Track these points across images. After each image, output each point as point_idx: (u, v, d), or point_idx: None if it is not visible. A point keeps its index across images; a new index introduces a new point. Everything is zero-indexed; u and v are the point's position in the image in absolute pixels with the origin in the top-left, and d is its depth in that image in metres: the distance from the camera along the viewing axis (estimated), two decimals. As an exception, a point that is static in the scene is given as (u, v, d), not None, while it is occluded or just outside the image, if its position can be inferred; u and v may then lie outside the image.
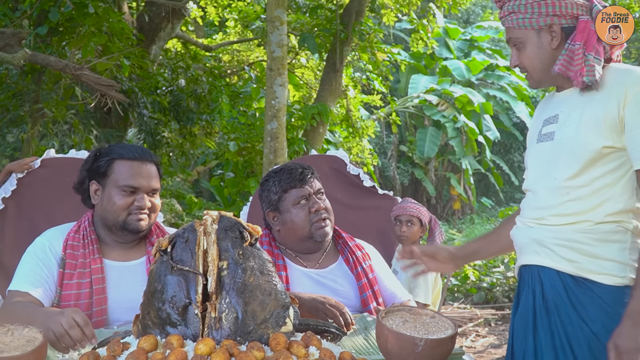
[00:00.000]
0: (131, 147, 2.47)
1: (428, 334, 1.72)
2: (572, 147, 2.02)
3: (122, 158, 2.40)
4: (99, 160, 2.43)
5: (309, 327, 1.91)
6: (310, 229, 2.53)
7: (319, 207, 2.54)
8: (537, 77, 2.15)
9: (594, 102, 2.00)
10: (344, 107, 10.27)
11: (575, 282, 1.99)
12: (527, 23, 2.09)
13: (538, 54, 2.11)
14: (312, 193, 2.57)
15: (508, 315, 6.83)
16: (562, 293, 2.01)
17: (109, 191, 2.38)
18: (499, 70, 19.25)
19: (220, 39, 12.04)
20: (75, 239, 2.38)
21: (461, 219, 19.35)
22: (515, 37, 2.13)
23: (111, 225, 2.40)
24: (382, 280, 2.67)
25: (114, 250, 2.43)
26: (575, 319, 1.99)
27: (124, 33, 5.73)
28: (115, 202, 2.37)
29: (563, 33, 2.07)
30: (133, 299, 2.25)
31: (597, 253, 1.97)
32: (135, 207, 2.38)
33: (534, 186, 2.16)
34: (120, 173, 2.38)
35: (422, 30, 10.52)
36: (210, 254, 1.68)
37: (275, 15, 5.82)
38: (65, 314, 1.87)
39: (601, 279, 1.96)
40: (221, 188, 10.65)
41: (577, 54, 2.02)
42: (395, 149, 18.97)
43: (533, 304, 2.09)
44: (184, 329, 1.65)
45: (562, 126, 2.07)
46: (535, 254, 2.10)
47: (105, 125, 7.79)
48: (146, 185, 2.40)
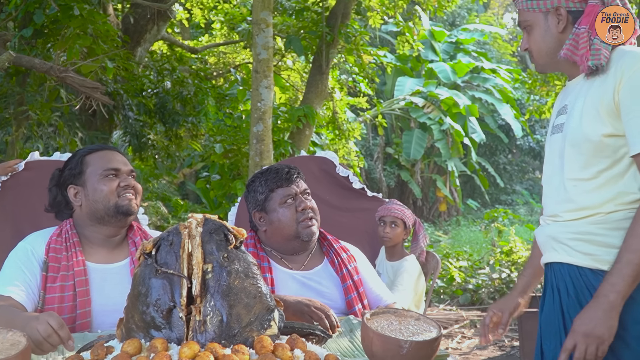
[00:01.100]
0: (92, 145, 2.54)
1: (413, 336, 1.72)
2: (576, 138, 1.99)
3: (92, 152, 2.46)
4: (68, 166, 2.46)
5: (294, 330, 1.91)
6: (296, 227, 2.54)
7: (305, 206, 2.55)
8: (542, 61, 2.13)
9: (594, 87, 1.97)
10: (330, 109, 10.28)
11: (596, 277, 1.94)
12: (535, 5, 2.07)
13: (544, 38, 2.09)
14: (299, 192, 2.57)
15: (494, 317, 6.86)
16: (584, 291, 1.96)
17: (91, 184, 2.41)
18: (484, 72, 19.34)
19: (206, 41, 12.02)
20: (57, 242, 2.38)
21: (447, 221, 19.41)
22: (525, 19, 2.11)
23: (103, 215, 2.40)
24: (368, 283, 2.68)
25: (97, 252, 2.43)
26: None
27: (109, 35, 5.70)
28: (102, 189, 2.39)
29: (570, 16, 2.04)
30: (117, 301, 2.25)
31: (613, 242, 1.91)
32: (122, 188, 2.41)
33: (548, 181, 2.14)
34: (96, 162, 2.43)
35: (408, 32, 10.54)
36: (194, 257, 1.67)
37: (261, 18, 5.81)
38: (41, 320, 1.83)
39: None
40: (207, 190, 10.62)
41: (582, 38, 1.99)
42: (382, 151, 19.01)
43: (560, 302, 2.04)
44: (168, 333, 1.65)
45: (569, 116, 2.04)
46: (553, 251, 2.07)
47: (90, 128, 7.76)
48: (125, 168, 2.46)
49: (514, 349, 5.72)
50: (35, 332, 1.81)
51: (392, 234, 3.66)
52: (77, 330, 2.27)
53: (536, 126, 21.70)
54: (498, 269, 7.73)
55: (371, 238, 3.81)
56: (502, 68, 19.60)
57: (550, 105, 10.63)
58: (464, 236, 15.10)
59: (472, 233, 15.41)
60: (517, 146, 22.16)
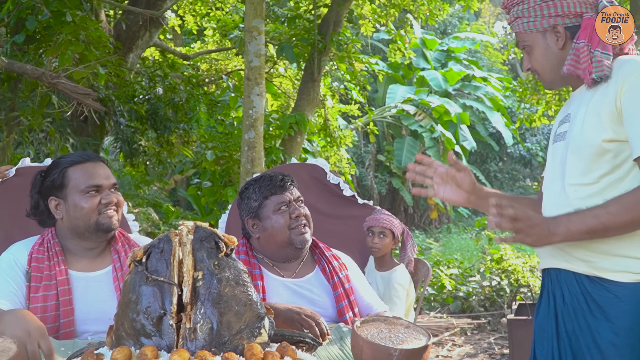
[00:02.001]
0: (75, 153, 2.48)
1: (402, 344, 1.73)
2: (578, 145, 2.01)
3: (74, 164, 2.41)
4: (50, 175, 2.42)
5: (284, 338, 1.91)
6: (290, 234, 2.55)
7: (299, 214, 2.56)
8: (548, 78, 2.16)
9: (596, 95, 1.99)
10: (321, 116, 10.30)
11: (592, 283, 1.95)
12: (532, 26, 2.10)
13: (546, 56, 2.11)
14: (293, 200, 2.59)
15: (484, 325, 6.88)
16: (579, 298, 1.97)
17: (72, 199, 2.37)
18: (475, 80, 19.43)
19: (198, 48, 12.02)
20: (39, 252, 2.37)
21: (438, 228, 19.44)
22: (523, 41, 2.15)
23: (83, 231, 2.39)
24: (358, 291, 2.69)
25: (80, 260, 2.42)
26: (593, 322, 1.95)
27: (100, 41, 5.70)
28: (83, 206, 2.36)
29: (568, 33, 2.07)
30: (100, 309, 2.25)
31: (611, 250, 1.93)
32: (103, 206, 2.38)
33: (548, 187, 2.15)
34: (78, 178, 2.38)
35: (400, 40, 10.58)
36: (185, 264, 1.67)
37: (253, 25, 5.82)
38: (32, 338, 1.78)
39: (617, 277, 1.92)
40: (198, 197, 10.61)
41: (583, 52, 2.02)
42: (373, 159, 19.04)
43: (555, 308, 2.06)
44: (158, 340, 1.65)
45: (572, 125, 2.07)
46: (551, 256, 2.08)
47: (81, 134, 7.74)
48: (107, 183, 2.42)
49: (504, 356, 5.74)
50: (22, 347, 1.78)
51: (380, 244, 3.66)
52: (61, 339, 2.25)
53: (526, 134, 21.81)
54: (488, 277, 7.74)
55: (362, 246, 3.81)
56: (493, 76, 19.70)
57: (541, 113, 10.69)
58: (454, 244, 15.12)
59: (463, 241, 15.43)
60: (508, 154, 22.24)
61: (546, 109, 10.39)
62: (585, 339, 1.97)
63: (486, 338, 6.42)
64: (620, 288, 1.91)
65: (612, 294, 1.92)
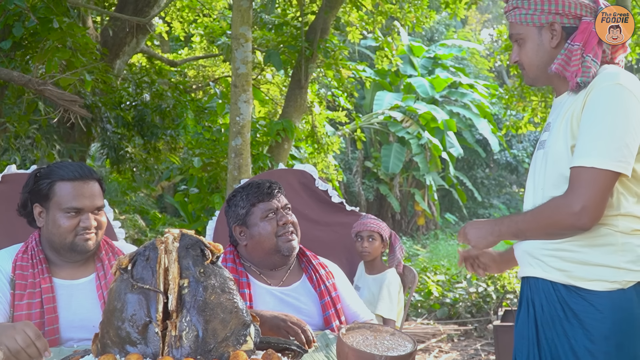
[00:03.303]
0: (71, 165, 2.44)
1: (388, 351, 1.74)
2: (554, 154, 2.03)
3: (63, 179, 2.38)
4: (40, 182, 2.40)
5: (270, 345, 1.92)
6: (277, 242, 2.56)
7: (286, 221, 2.57)
8: (533, 74, 2.16)
9: (573, 105, 2.00)
10: (309, 123, 10.31)
11: (568, 292, 1.98)
12: (530, 19, 2.09)
13: (537, 52, 2.11)
14: (280, 207, 2.59)
15: (471, 331, 6.89)
16: (557, 306, 2.00)
17: (53, 214, 2.37)
18: (462, 87, 19.52)
19: (185, 54, 12.01)
20: (23, 260, 2.37)
21: (425, 235, 19.48)
22: (517, 32, 2.14)
23: (59, 248, 2.39)
24: (345, 299, 2.69)
25: (63, 269, 2.42)
26: (570, 330, 1.98)
27: (87, 48, 5.68)
28: (60, 224, 2.35)
29: (564, 32, 2.07)
30: (84, 317, 2.26)
31: (586, 259, 1.96)
32: (81, 228, 2.37)
33: (528, 195, 2.17)
34: (62, 195, 2.36)
35: (387, 47, 10.62)
36: (171, 272, 1.68)
37: (240, 32, 5.84)
38: (18, 329, 1.85)
39: (592, 286, 1.94)
40: (185, 203, 10.58)
41: (575, 55, 2.01)
42: (360, 165, 19.06)
43: (534, 316, 2.08)
44: (143, 348, 1.65)
45: (550, 133, 2.08)
46: (528, 265, 2.11)
47: (68, 140, 7.70)
48: (90, 205, 2.39)
49: (490, 362, 5.76)
50: (12, 341, 1.82)
51: (370, 248, 3.68)
52: None
53: (513, 141, 21.92)
54: (475, 283, 7.77)
55: (349, 252, 3.82)
56: (480, 83, 19.80)
57: (527, 120, 10.77)
58: (441, 250, 15.16)
59: (450, 247, 15.47)
60: (495, 160, 22.34)
61: (532, 115, 10.47)
62: (563, 347, 1.99)
63: (473, 344, 6.44)
64: (596, 297, 1.94)
65: (587, 302, 1.95)
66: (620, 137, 1.88)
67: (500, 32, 11.70)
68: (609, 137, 1.88)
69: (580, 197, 1.88)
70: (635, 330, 1.94)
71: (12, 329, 1.85)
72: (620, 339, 1.93)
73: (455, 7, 9.34)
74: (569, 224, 1.91)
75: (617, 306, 1.92)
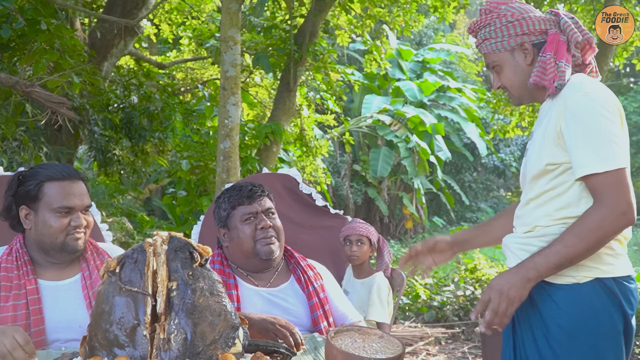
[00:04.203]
0: (57, 166, 2.44)
1: (376, 353, 1.74)
2: (532, 161, 2.15)
3: (52, 179, 2.37)
4: (26, 184, 2.38)
5: (258, 348, 1.92)
6: (254, 245, 2.56)
7: (265, 225, 2.57)
8: (517, 93, 2.25)
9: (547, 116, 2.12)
10: (297, 126, 10.32)
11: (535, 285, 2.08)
12: (500, 46, 2.20)
13: (515, 73, 2.22)
14: (260, 211, 2.59)
15: (458, 334, 6.91)
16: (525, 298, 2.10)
17: (42, 215, 2.35)
18: (450, 91, 19.59)
19: (173, 57, 12.00)
20: (8, 262, 2.35)
21: (413, 238, 19.51)
22: (492, 61, 2.24)
23: (49, 249, 2.38)
24: (333, 301, 2.70)
25: (48, 270, 2.41)
26: (532, 318, 2.12)
27: (75, 50, 5.66)
28: (51, 225, 2.34)
29: (534, 49, 2.18)
30: (70, 317, 2.25)
31: None
32: (72, 227, 2.37)
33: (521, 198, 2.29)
34: (51, 195, 2.36)
35: (376, 51, 10.65)
36: (159, 274, 1.67)
37: (229, 35, 5.83)
38: (7, 334, 1.86)
39: (553, 279, 2.07)
40: (173, 206, 10.55)
41: (549, 63, 2.12)
42: (349, 168, 19.08)
43: None
44: (132, 351, 1.64)
45: (532, 141, 2.21)
46: (508, 259, 2.25)
47: (55, 143, 7.67)
48: (80, 204, 2.39)
49: (477, 366, 5.78)
50: (1, 345, 1.81)
51: (359, 252, 3.69)
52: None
53: (500, 145, 22.03)
54: (463, 287, 7.79)
55: (334, 255, 3.82)
56: (468, 87, 19.87)
57: (514, 124, 10.82)
58: (429, 253, 15.16)
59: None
60: (482, 164, 22.44)
61: (520, 120, 10.52)
62: (527, 334, 2.14)
63: (460, 347, 6.45)
64: (554, 289, 2.08)
65: (547, 293, 2.09)
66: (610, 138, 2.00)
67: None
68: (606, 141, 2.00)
69: (619, 198, 1.97)
70: (589, 323, 2.04)
71: (2, 334, 1.86)
72: (572, 330, 2.05)
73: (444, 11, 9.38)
74: (623, 225, 2.00)
75: (572, 299, 2.05)
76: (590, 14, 10.24)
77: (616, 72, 26.05)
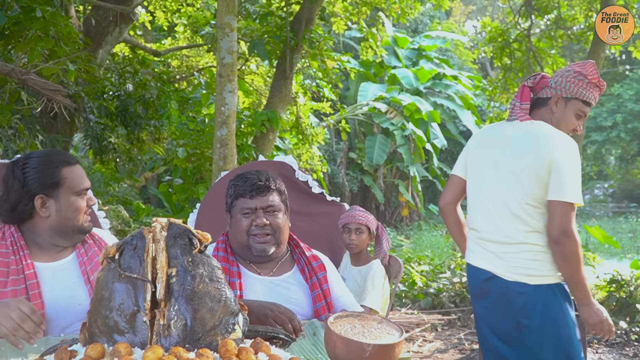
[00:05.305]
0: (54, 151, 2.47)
1: (376, 339, 1.75)
2: None
3: (67, 164, 2.40)
4: (38, 172, 2.35)
5: (258, 334, 1.92)
6: (248, 239, 2.56)
7: (259, 223, 2.54)
8: None
9: None
10: (293, 114, 10.30)
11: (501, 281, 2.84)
12: None
13: None
14: (259, 208, 2.57)
15: (454, 321, 6.94)
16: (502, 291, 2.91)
17: (66, 199, 2.37)
18: (446, 79, 19.58)
19: (169, 44, 11.95)
20: (2, 246, 2.34)
21: (409, 226, 19.55)
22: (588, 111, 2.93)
23: (69, 231, 2.40)
24: (335, 292, 2.70)
25: (45, 253, 2.41)
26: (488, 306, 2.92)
27: (70, 37, 5.63)
28: (77, 207, 2.39)
29: None
30: (69, 295, 2.26)
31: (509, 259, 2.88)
32: (87, 208, 2.45)
33: None
34: (73, 179, 2.39)
35: (372, 38, 10.63)
36: (159, 261, 1.67)
37: (225, 22, 5.81)
38: (12, 307, 1.87)
39: None
40: (169, 194, 10.56)
41: None
42: (345, 156, 19.08)
43: None
44: (131, 337, 1.64)
45: None
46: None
47: (51, 131, 7.64)
48: (89, 185, 2.47)
49: (473, 351, 5.80)
50: (8, 319, 1.82)
51: (358, 240, 3.69)
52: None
53: (496, 132, 22.01)
54: (459, 273, 7.82)
55: (331, 243, 3.82)
56: (464, 75, 19.87)
57: (510, 112, 10.78)
58: (425, 241, 15.23)
59: (434, 238, 15.55)
60: (478, 152, 22.42)
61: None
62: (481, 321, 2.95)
63: (456, 334, 6.48)
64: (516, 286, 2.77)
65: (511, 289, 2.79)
66: None
67: (484, 23, 11.72)
68: None
69: None
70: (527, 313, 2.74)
71: (6, 307, 1.87)
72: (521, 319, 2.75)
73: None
74: None
75: None
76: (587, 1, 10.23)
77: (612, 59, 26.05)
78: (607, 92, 26.65)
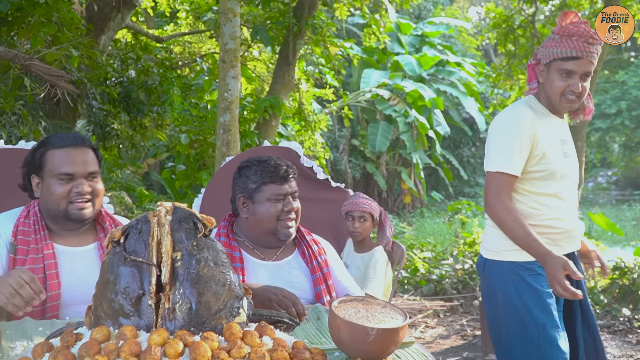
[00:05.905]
0: (65, 135, 2.46)
1: (380, 323, 1.75)
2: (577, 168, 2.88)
3: (55, 147, 2.39)
4: (35, 153, 2.42)
5: (262, 318, 1.93)
6: (276, 225, 2.57)
7: (291, 208, 2.58)
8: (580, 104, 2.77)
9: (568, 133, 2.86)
10: (296, 100, 10.28)
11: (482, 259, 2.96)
12: None
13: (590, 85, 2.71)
14: (289, 193, 2.59)
15: (456, 307, 6.95)
16: None
17: (47, 182, 2.38)
18: (449, 65, 19.50)
19: (171, 30, 11.91)
20: (25, 225, 2.37)
21: (411, 213, 19.56)
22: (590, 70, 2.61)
23: (55, 216, 2.40)
24: (336, 275, 2.72)
25: (63, 237, 2.43)
26: None
27: (73, 23, 5.62)
28: (53, 191, 2.36)
29: None
30: (86, 282, 2.26)
31: None
32: (74, 194, 2.37)
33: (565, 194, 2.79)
34: (54, 162, 2.38)
35: (375, 25, 10.58)
36: (164, 245, 1.67)
37: (228, 7, 5.79)
38: (12, 275, 1.91)
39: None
40: (172, 181, 10.55)
41: None
42: (347, 143, 19.07)
43: None
44: (137, 320, 1.65)
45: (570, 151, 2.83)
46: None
47: (54, 117, 7.62)
48: (81, 171, 2.39)
49: (475, 338, 5.82)
50: (6, 285, 1.85)
51: (361, 228, 3.70)
52: (48, 313, 2.29)
53: (499, 120, 21.94)
54: (461, 260, 7.83)
55: (335, 228, 3.83)
56: (467, 61, 19.79)
57: (514, 98, 10.78)
58: (427, 228, 15.24)
59: (436, 225, 15.56)
60: (481, 139, 22.41)
61: (519, 94, 10.49)
62: None
63: (459, 320, 6.50)
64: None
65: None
66: None
67: (487, 9, 11.66)
68: None
69: None
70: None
71: (7, 276, 1.93)
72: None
73: (444, -16, 9.29)
74: None
75: None
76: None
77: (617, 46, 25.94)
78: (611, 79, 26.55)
